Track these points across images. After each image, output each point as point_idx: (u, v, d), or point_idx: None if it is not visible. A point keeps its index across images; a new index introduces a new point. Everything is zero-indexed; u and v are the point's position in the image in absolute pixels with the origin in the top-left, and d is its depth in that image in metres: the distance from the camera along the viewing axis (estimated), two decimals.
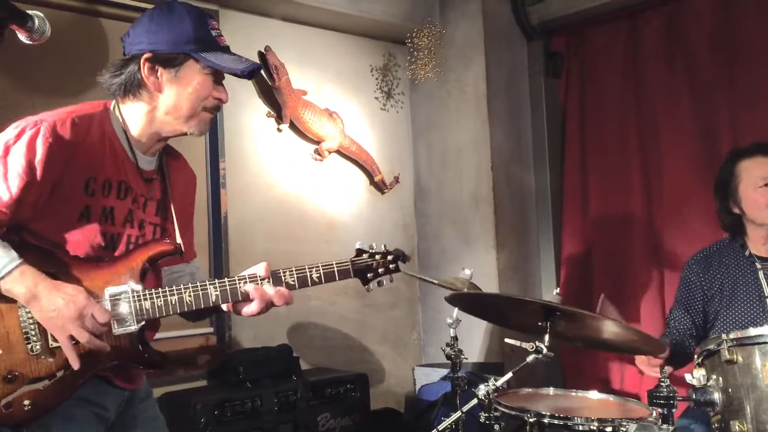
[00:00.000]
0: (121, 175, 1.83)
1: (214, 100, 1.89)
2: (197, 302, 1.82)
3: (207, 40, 1.85)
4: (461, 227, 4.35)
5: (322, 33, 4.21)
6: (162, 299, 1.79)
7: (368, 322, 4.30)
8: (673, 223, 3.90)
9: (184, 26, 1.83)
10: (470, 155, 4.30)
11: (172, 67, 1.83)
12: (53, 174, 1.70)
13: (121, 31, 3.27)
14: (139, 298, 1.77)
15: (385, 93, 4.51)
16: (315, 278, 1.91)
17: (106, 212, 1.79)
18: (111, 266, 1.79)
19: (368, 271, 1.98)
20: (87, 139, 1.78)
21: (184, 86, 1.84)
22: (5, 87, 2.99)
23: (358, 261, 1.98)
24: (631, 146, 4.11)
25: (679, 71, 3.92)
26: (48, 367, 1.71)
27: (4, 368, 1.68)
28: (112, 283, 1.76)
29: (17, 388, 1.68)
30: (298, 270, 1.90)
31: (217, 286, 1.84)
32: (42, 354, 1.70)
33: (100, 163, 1.79)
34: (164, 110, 1.86)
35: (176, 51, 1.82)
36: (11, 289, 1.66)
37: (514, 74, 4.43)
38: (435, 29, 4.32)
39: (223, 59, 1.84)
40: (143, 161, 1.90)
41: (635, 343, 2.49)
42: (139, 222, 1.88)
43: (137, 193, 1.87)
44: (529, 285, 4.39)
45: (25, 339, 1.70)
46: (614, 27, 4.19)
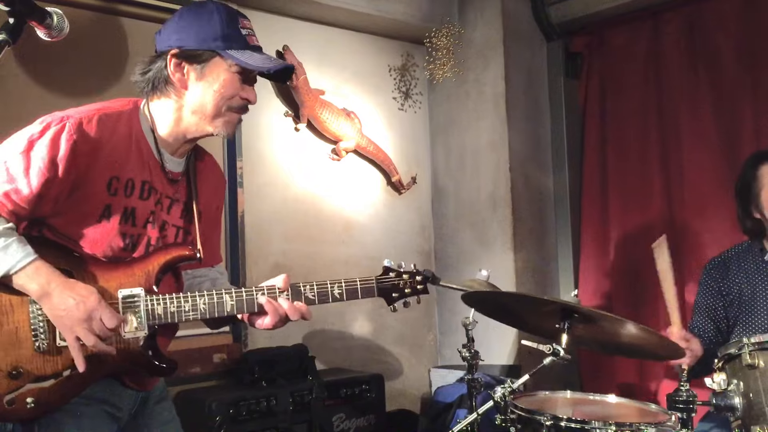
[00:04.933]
0: (145, 176, 1.81)
1: (241, 100, 1.85)
2: (211, 311, 1.79)
3: (235, 38, 1.81)
4: (479, 228, 4.32)
5: (340, 32, 4.20)
6: (175, 305, 1.76)
7: (384, 323, 4.29)
8: (694, 226, 3.85)
9: (213, 23, 1.81)
10: (488, 156, 4.27)
11: (198, 64, 1.80)
12: (75, 171, 1.69)
13: (141, 30, 3.33)
14: (151, 302, 1.75)
15: (403, 93, 4.50)
16: (336, 294, 1.86)
17: (127, 213, 1.78)
18: (127, 268, 1.77)
19: (394, 291, 1.93)
20: (113, 137, 1.76)
21: (210, 83, 1.81)
22: (26, 83, 3.02)
23: (384, 280, 1.92)
24: (652, 148, 4.07)
25: (701, 73, 3.87)
26: (54, 366, 1.69)
27: (10, 363, 1.67)
28: (127, 285, 1.75)
29: (22, 384, 1.67)
30: (319, 285, 1.86)
31: (233, 295, 1.81)
32: (49, 352, 1.69)
33: (125, 162, 1.78)
34: (191, 109, 1.84)
35: (203, 47, 1.80)
36: (24, 285, 1.66)
37: (533, 75, 4.40)
38: (454, 29, 4.30)
39: (251, 57, 1.81)
40: (170, 162, 1.88)
41: (654, 347, 2.45)
42: (161, 224, 1.86)
43: (162, 194, 1.86)
44: (547, 287, 4.35)
45: (33, 336, 1.69)
46: (635, 27, 4.15)
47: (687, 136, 3.92)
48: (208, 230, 2.02)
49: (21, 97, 2.99)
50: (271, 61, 1.84)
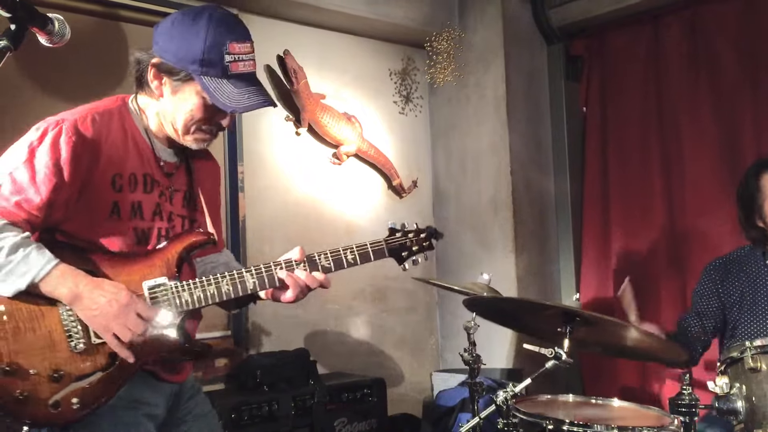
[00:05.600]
0: (145, 168, 1.83)
1: (212, 125, 1.84)
2: (235, 290, 1.82)
3: (214, 64, 1.75)
4: (480, 232, 4.32)
5: (341, 37, 4.21)
6: (200, 290, 1.79)
7: (386, 327, 4.28)
8: (695, 229, 3.85)
9: (197, 42, 1.75)
10: (489, 159, 4.27)
11: (174, 80, 1.79)
12: (80, 173, 1.70)
13: (141, 35, 3.33)
14: (177, 290, 1.77)
15: (404, 97, 4.50)
16: (350, 259, 1.91)
17: (134, 207, 1.79)
18: (146, 260, 1.78)
19: (402, 250, 1.99)
20: (109, 135, 1.78)
21: (181, 102, 1.80)
22: (27, 89, 3.02)
23: (392, 240, 1.98)
24: (653, 151, 4.07)
25: (702, 76, 3.87)
26: (94, 364, 1.70)
27: (50, 367, 1.67)
28: (149, 277, 1.76)
29: (64, 386, 1.68)
30: (332, 252, 1.90)
31: (253, 273, 1.84)
32: (86, 351, 1.70)
33: (124, 157, 1.79)
34: (163, 116, 1.84)
35: (179, 66, 1.77)
36: (52, 291, 1.66)
37: (533, 78, 4.40)
38: (454, 33, 4.31)
39: (223, 90, 1.75)
40: (164, 153, 1.89)
41: (655, 350, 2.45)
42: (168, 214, 1.87)
43: (163, 185, 1.87)
44: (549, 290, 4.35)
45: (68, 337, 1.69)
46: (635, 31, 4.15)
47: (687, 139, 3.92)
48: (213, 216, 2.03)
49: (22, 103, 3.00)
50: (244, 98, 1.78)
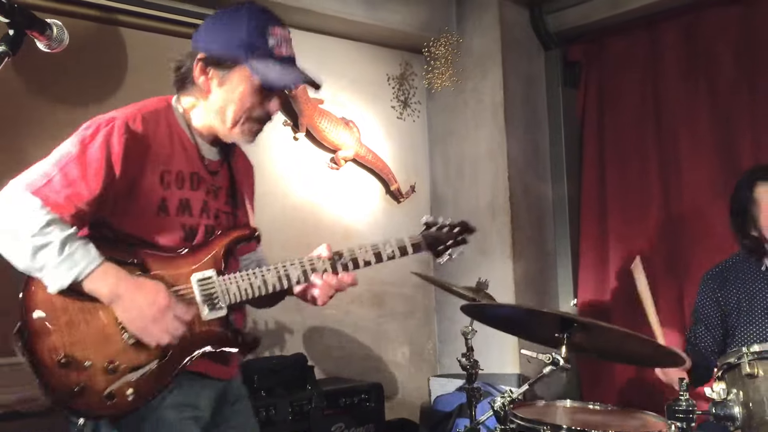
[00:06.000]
0: (191, 167, 1.86)
1: (261, 111, 1.86)
2: (280, 283, 1.85)
3: (260, 48, 1.80)
4: (477, 237, 4.25)
5: (339, 42, 4.21)
6: (247, 282, 1.82)
7: (383, 332, 4.28)
8: (692, 235, 3.86)
9: (240, 29, 1.82)
10: (487, 165, 4.28)
11: (221, 70, 1.83)
12: (130, 169, 1.74)
13: (140, 39, 3.34)
14: (225, 282, 1.80)
15: (402, 102, 4.51)
16: (389, 253, 1.96)
17: (182, 204, 1.82)
18: (194, 254, 1.81)
19: (437, 244, 2.03)
20: (157, 133, 1.82)
21: (230, 91, 1.83)
22: (25, 93, 3.02)
23: (428, 235, 2.03)
24: (650, 157, 4.08)
25: (699, 81, 3.88)
26: (147, 356, 1.72)
27: (105, 359, 1.70)
28: (197, 271, 1.79)
29: (118, 378, 1.70)
30: (373, 247, 1.95)
31: (297, 266, 1.88)
32: (139, 343, 1.71)
33: (171, 156, 1.83)
34: (213, 112, 1.87)
35: (226, 53, 1.82)
36: (94, 289, 1.67)
37: (531, 83, 4.41)
38: (452, 38, 4.32)
39: (270, 70, 1.80)
40: (209, 152, 1.92)
41: (654, 356, 2.45)
42: (214, 211, 1.89)
43: (208, 183, 1.89)
44: (546, 296, 4.35)
45: (121, 329, 1.71)
46: (633, 36, 4.17)
47: (685, 145, 3.93)
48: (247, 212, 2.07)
49: (21, 107, 2.99)
50: (290, 75, 1.85)
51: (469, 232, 2.09)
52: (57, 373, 1.67)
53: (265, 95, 1.85)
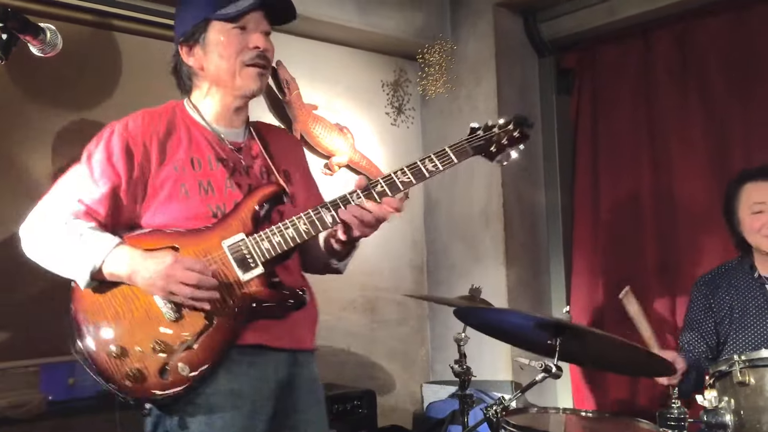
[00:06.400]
0: (207, 151, 1.89)
1: (250, 51, 1.87)
2: (314, 228, 1.81)
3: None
4: (471, 243, 4.33)
5: (333, 48, 4.22)
6: (279, 235, 1.80)
7: (376, 338, 4.27)
8: (685, 242, 3.87)
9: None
10: (481, 171, 4.28)
11: (199, 40, 1.87)
12: (133, 165, 1.82)
13: (134, 44, 3.33)
14: (255, 240, 1.79)
15: (396, 108, 4.51)
16: (431, 168, 1.82)
17: (203, 185, 1.85)
18: (223, 223, 1.83)
19: (489, 145, 1.88)
20: (161, 128, 1.88)
21: (214, 51, 1.87)
22: (18, 98, 3.00)
23: (475, 139, 1.88)
24: (643, 164, 4.09)
25: (692, 89, 3.90)
26: (192, 328, 1.75)
27: (153, 339, 1.74)
28: (227, 237, 1.80)
29: (170, 356, 1.74)
30: (410, 167, 1.82)
31: (329, 207, 1.82)
32: (181, 318, 1.75)
33: (182, 145, 1.87)
34: (214, 83, 1.90)
35: (195, 22, 1.87)
36: (114, 273, 1.75)
37: (525, 90, 4.42)
38: (446, 45, 4.33)
39: (235, 5, 1.84)
40: (230, 135, 1.95)
41: (646, 364, 2.45)
42: (247, 186, 1.89)
43: (232, 162, 1.91)
44: (539, 302, 4.35)
45: (162, 309, 1.76)
46: (626, 44, 4.18)
47: (678, 152, 3.94)
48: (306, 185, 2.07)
49: (13, 112, 2.97)
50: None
51: (526, 125, 1.89)
52: (112, 364, 1.74)
53: (243, 34, 1.87)
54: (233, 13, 1.83)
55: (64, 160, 3.05)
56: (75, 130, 3.09)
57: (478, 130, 1.88)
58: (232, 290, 1.77)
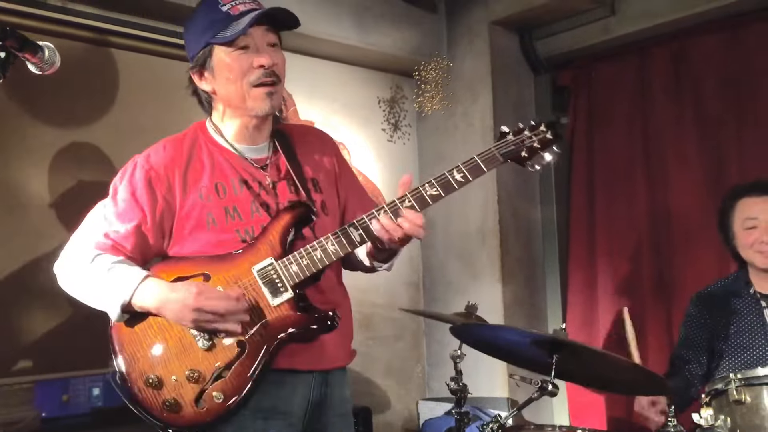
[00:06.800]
0: (231, 174, 1.88)
1: (255, 70, 1.83)
2: (342, 249, 1.78)
3: (217, 20, 1.83)
4: (467, 260, 4.33)
5: (330, 65, 4.23)
6: (306, 258, 1.78)
7: (372, 355, 4.26)
8: (681, 259, 3.87)
9: (199, 20, 1.87)
10: (477, 188, 4.29)
11: (206, 65, 1.86)
12: (157, 199, 1.82)
13: (131, 61, 3.34)
14: (284, 264, 1.78)
15: (392, 125, 4.53)
16: (459, 179, 1.76)
17: (229, 211, 1.84)
18: (252, 249, 1.82)
19: (520, 151, 1.79)
20: (183, 156, 1.87)
21: (221, 74, 1.85)
22: (14, 114, 2.99)
23: (504, 144, 1.79)
24: (639, 181, 4.10)
25: (687, 107, 3.92)
26: (225, 356, 1.75)
27: (187, 368, 1.75)
28: (257, 262, 1.79)
29: (205, 384, 1.74)
30: (437, 178, 1.77)
31: (357, 225, 1.78)
32: (214, 347, 1.76)
33: (205, 171, 1.86)
34: (228, 106, 1.89)
35: (200, 47, 1.86)
36: (144, 306, 1.76)
37: (521, 107, 4.44)
38: (442, 62, 4.35)
39: (233, 27, 1.80)
40: (252, 152, 1.93)
41: (641, 382, 2.45)
42: (275, 206, 1.88)
43: (259, 182, 1.89)
44: (535, 319, 4.35)
45: (196, 338, 1.76)
46: (622, 62, 4.21)
47: (673, 168, 3.95)
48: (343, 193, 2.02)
49: (10, 129, 2.97)
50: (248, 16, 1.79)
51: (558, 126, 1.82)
52: (148, 395, 1.75)
53: (246, 55, 1.83)
54: (230, 37, 1.80)
55: (60, 177, 3.05)
56: (71, 147, 3.09)
57: (508, 135, 1.81)
58: (263, 316, 1.77)
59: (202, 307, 1.70)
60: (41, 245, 2.88)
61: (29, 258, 2.93)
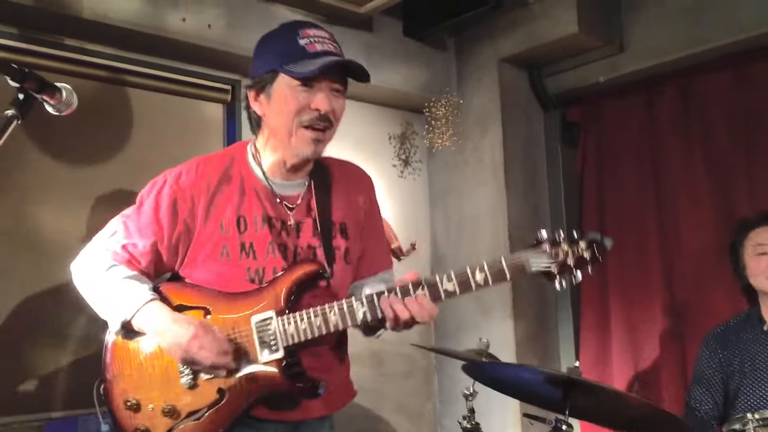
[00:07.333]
0: (256, 210, 1.85)
1: (310, 111, 1.79)
2: (343, 321, 1.74)
3: (291, 51, 1.79)
4: (478, 296, 4.29)
5: None
6: (306, 322, 1.74)
7: (383, 392, 4.22)
8: (693, 294, 3.84)
9: (273, 44, 1.84)
10: (487, 223, 4.29)
11: (265, 89, 1.83)
12: (179, 220, 1.82)
13: (145, 99, 3.39)
14: (283, 322, 1.74)
15: (403, 160, 4.55)
16: (479, 280, 1.69)
17: (245, 248, 1.82)
18: (257, 295, 1.79)
19: (552, 266, 1.72)
20: (214, 182, 1.85)
21: (277, 104, 1.81)
22: (31, 151, 3.03)
23: (536, 255, 1.72)
24: (649, 216, 4.09)
25: (696, 143, 3.92)
26: (202, 401, 1.75)
27: (165, 402, 1.75)
28: (258, 312, 1.77)
29: (176, 421, 1.74)
30: (458, 274, 1.70)
31: (364, 302, 1.73)
32: (196, 387, 1.75)
33: (231, 201, 1.84)
34: (272, 135, 1.86)
35: (265, 70, 1.82)
36: (142, 327, 1.77)
37: (530, 143, 4.46)
38: (452, 99, 4.38)
39: (304, 65, 1.76)
40: (284, 188, 1.90)
41: (657, 422, 2.41)
42: (293, 249, 1.85)
43: (282, 221, 1.86)
44: (548, 356, 4.31)
45: (180, 373, 1.76)
46: (630, 98, 4.23)
47: (683, 204, 3.94)
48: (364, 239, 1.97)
49: (27, 165, 3.01)
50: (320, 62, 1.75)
51: (601, 246, 1.72)
52: (125, 415, 1.76)
53: (307, 94, 1.79)
54: (298, 74, 1.76)
55: (74, 213, 3.08)
56: (85, 183, 3.12)
57: (543, 243, 1.72)
58: (248, 367, 1.76)
59: (192, 352, 1.70)
60: (56, 280, 2.89)
61: (44, 293, 2.93)
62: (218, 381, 1.74)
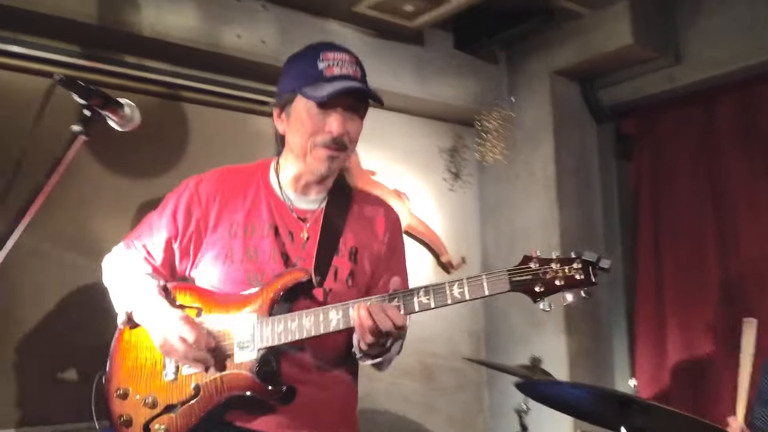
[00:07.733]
0: (267, 218, 1.91)
1: (324, 134, 1.83)
2: (317, 328, 1.71)
3: (310, 73, 1.84)
4: (529, 310, 4.22)
5: (392, 115, 4.28)
6: (281, 325, 1.75)
7: (433, 406, 4.20)
8: (754, 311, 3.72)
9: (296, 65, 1.92)
10: (539, 237, 4.24)
11: (286, 109, 1.91)
12: (189, 223, 1.91)
13: (200, 114, 3.46)
14: (261, 324, 1.78)
15: (453, 174, 4.54)
16: (456, 294, 1.64)
17: (249, 252, 1.88)
18: (248, 297, 1.84)
19: (536, 284, 1.62)
20: (231, 189, 1.95)
21: (294, 124, 1.88)
22: (93, 166, 3.13)
23: (520, 271, 1.63)
24: (707, 229, 4.00)
25: (757, 156, 3.82)
26: (180, 395, 1.82)
27: (148, 393, 1.84)
28: (243, 313, 1.81)
29: (156, 412, 1.82)
30: (435, 286, 1.64)
31: (339, 309, 1.70)
32: (176, 381, 1.83)
33: (243, 208, 1.92)
34: (291, 152, 1.93)
35: (287, 90, 1.89)
36: (141, 321, 1.87)
37: (583, 156, 4.41)
38: (504, 112, 4.36)
39: (319, 89, 1.80)
40: (300, 201, 1.95)
41: None
42: (295, 258, 1.89)
43: (291, 232, 1.91)
44: (602, 372, 4.23)
45: (164, 367, 1.85)
46: (687, 110, 4.15)
47: (743, 217, 3.85)
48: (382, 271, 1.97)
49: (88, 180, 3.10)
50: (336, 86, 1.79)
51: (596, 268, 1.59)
52: (114, 402, 1.86)
53: (323, 116, 1.83)
54: (312, 97, 1.81)
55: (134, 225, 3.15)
56: (143, 197, 3.18)
57: (530, 260, 1.63)
58: (223, 368, 1.79)
59: (171, 341, 1.77)
60: None
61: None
62: (196, 377, 1.80)
